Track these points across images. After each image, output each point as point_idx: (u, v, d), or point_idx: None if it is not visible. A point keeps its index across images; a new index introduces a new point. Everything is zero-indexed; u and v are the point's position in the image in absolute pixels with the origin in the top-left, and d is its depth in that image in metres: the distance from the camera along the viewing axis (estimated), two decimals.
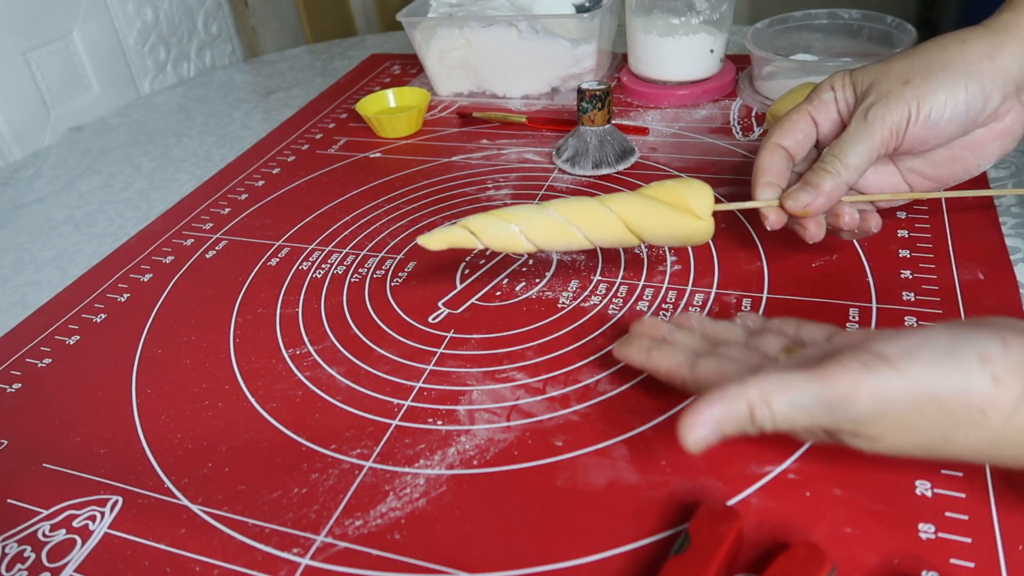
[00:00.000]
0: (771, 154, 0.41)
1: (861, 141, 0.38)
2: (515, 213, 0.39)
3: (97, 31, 0.82)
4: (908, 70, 0.38)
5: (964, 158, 0.40)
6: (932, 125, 0.37)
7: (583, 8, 0.68)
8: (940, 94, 0.37)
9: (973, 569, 0.28)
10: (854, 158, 0.38)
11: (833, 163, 0.38)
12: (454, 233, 0.39)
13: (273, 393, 0.41)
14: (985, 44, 0.37)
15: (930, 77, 0.37)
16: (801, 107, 0.41)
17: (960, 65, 0.37)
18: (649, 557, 0.30)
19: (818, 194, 0.38)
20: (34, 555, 0.34)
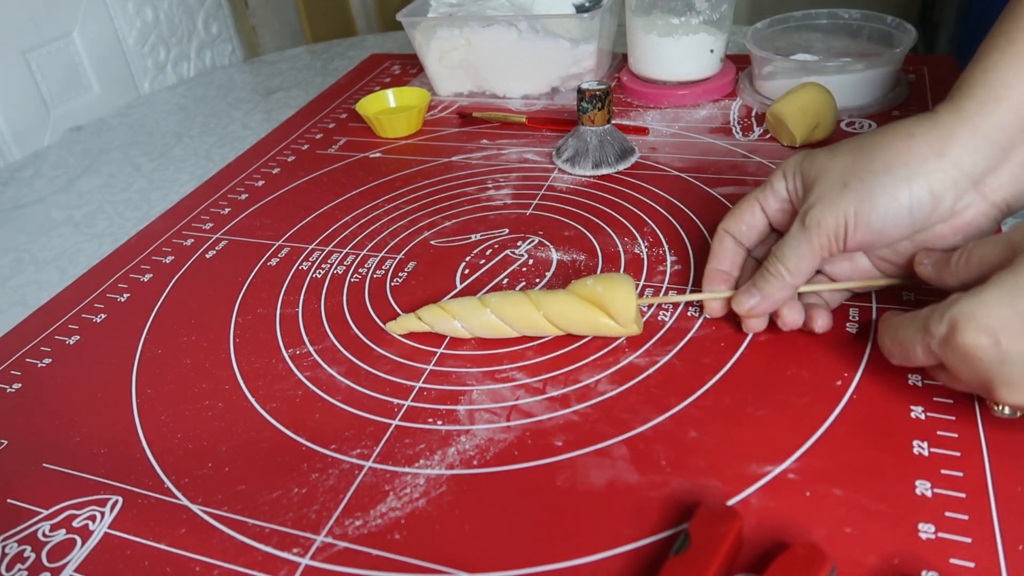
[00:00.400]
0: (720, 240, 0.42)
1: (800, 246, 0.37)
2: (460, 308, 0.42)
3: (97, 31, 0.82)
4: (848, 171, 0.36)
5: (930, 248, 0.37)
6: (875, 231, 0.35)
7: (583, 8, 0.68)
8: (879, 200, 0.35)
9: (973, 569, 0.28)
10: (795, 263, 0.37)
11: (776, 266, 0.38)
12: (411, 321, 0.43)
13: (273, 393, 0.41)
14: (933, 138, 0.34)
15: (869, 181, 0.35)
16: (752, 195, 0.41)
17: (903, 168, 0.34)
18: (649, 557, 0.30)
19: (762, 298, 0.38)
20: (34, 555, 0.34)
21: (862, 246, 0.37)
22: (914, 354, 0.32)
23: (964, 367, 0.30)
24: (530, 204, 0.55)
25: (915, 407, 0.35)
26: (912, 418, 0.35)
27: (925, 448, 0.33)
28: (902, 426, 0.34)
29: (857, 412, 0.35)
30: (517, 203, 0.56)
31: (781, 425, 0.35)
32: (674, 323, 0.42)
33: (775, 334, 0.40)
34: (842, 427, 0.35)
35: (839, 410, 0.35)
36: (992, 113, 0.33)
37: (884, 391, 0.36)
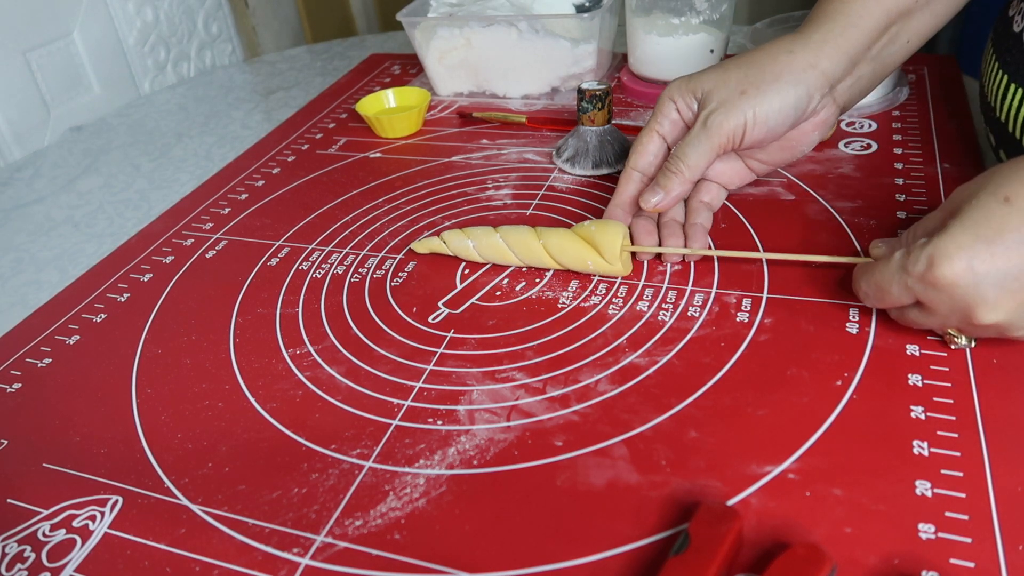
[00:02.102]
0: (627, 177, 0.48)
1: (701, 144, 0.44)
2: (475, 231, 0.48)
3: (97, 31, 0.82)
4: (744, 80, 0.43)
5: (791, 146, 0.46)
6: (768, 129, 0.44)
7: (583, 8, 0.68)
8: (774, 102, 0.43)
9: (973, 569, 0.28)
10: (694, 159, 0.44)
11: (676, 164, 0.44)
12: (432, 241, 0.50)
13: (273, 393, 0.41)
14: (808, 54, 0.43)
15: (765, 88, 0.43)
16: (648, 126, 0.47)
17: (790, 75, 0.43)
18: (649, 557, 0.30)
19: (665, 193, 0.45)
20: (34, 555, 0.34)
21: (754, 143, 0.45)
22: (890, 294, 0.36)
23: (943, 297, 0.34)
24: (530, 204, 0.55)
25: (915, 407, 0.35)
26: (912, 418, 0.35)
27: (925, 448, 0.33)
28: (902, 426, 0.34)
29: (857, 412, 0.35)
30: (517, 203, 0.56)
31: (781, 425, 0.35)
32: (674, 323, 0.42)
33: (775, 334, 0.40)
34: (842, 427, 0.35)
35: (839, 410, 0.35)
36: (849, 36, 0.43)
37: (884, 391, 0.36)
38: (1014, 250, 0.32)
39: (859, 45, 0.44)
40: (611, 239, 0.44)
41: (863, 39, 0.44)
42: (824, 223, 0.48)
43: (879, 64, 0.46)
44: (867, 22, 0.43)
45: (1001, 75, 0.46)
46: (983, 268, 0.32)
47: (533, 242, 0.46)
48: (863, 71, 0.45)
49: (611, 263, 0.44)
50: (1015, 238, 0.32)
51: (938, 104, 0.62)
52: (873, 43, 0.44)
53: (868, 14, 0.43)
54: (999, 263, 0.32)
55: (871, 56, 0.45)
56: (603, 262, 0.44)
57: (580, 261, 0.45)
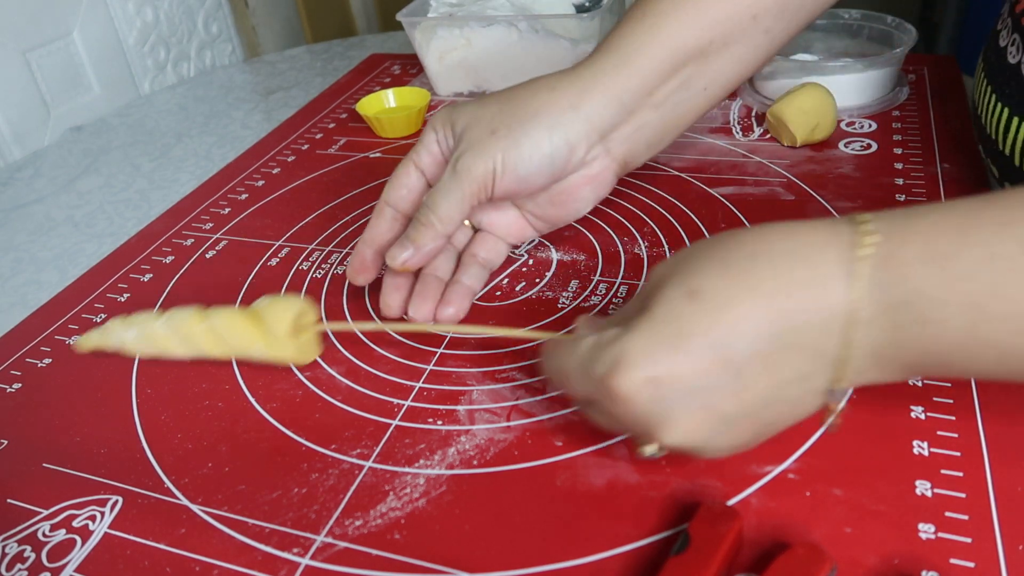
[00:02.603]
0: (379, 213, 0.42)
1: (451, 192, 0.38)
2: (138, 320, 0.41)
3: (97, 31, 0.82)
4: (497, 118, 0.38)
5: (564, 202, 0.40)
6: (520, 178, 0.38)
7: (583, 8, 0.68)
8: (524, 147, 0.37)
9: (973, 569, 0.28)
10: (446, 210, 0.38)
11: (427, 215, 0.38)
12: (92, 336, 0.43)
13: (273, 393, 0.41)
14: (571, 93, 0.38)
15: (516, 129, 0.37)
16: (407, 158, 0.41)
17: (546, 117, 0.37)
18: (649, 557, 0.30)
19: (415, 249, 0.39)
20: (34, 555, 0.34)
21: (508, 193, 0.39)
22: (572, 387, 0.31)
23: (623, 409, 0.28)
24: None
25: (915, 407, 0.35)
26: (912, 418, 0.35)
27: (925, 448, 0.33)
28: (902, 426, 0.34)
29: (857, 412, 0.35)
30: None
31: None
32: None
33: None
34: (842, 427, 0.35)
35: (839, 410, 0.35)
36: (620, 77, 0.37)
37: (884, 391, 0.36)
38: (698, 359, 0.26)
39: (635, 88, 0.38)
40: (278, 319, 0.37)
41: (640, 82, 0.38)
42: None
43: (668, 113, 0.39)
44: (644, 62, 0.37)
45: (1001, 108, 0.42)
46: (667, 381, 0.27)
47: (195, 326, 0.39)
48: (645, 119, 0.39)
49: (279, 350, 0.38)
50: (700, 343, 0.26)
51: (938, 104, 0.62)
52: (655, 87, 0.38)
53: (645, 53, 0.37)
54: (685, 376, 0.26)
55: (654, 103, 0.38)
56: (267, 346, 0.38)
57: (247, 346, 0.39)
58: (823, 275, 0.25)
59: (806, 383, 0.26)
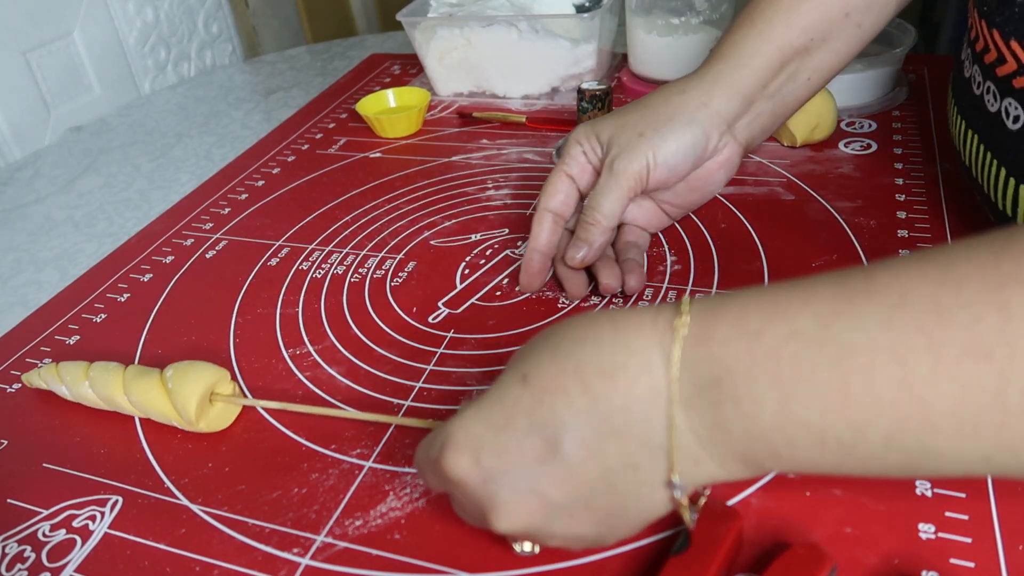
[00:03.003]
0: (539, 221, 0.46)
1: (612, 191, 0.43)
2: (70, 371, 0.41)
3: (97, 31, 0.82)
4: (641, 123, 0.43)
5: (699, 187, 0.46)
6: (670, 168, 0.43)
7: (583, 8, 0.68)
8: (671, 142, 0.43)
9: (973, 569, 0.28)
10: (608, 206, 0.43)
11: (592, 215, 0.44)
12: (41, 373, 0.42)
13: (273, 393, 0.41)
14: (700, 93, 0.43)
15: (660, 129, 0.43)
16: (557, 169, 0.46)
17: (683, 115, 0.43)
18: (649, 557, 0.30)
19: (588, 247, 0.44)
20: (34, 555, 0.34)
21: (659, 184, 0.44)
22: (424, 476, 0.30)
23: (458, 494, 0.28)
24: (530, 204, 0.55)
25: None
26: None
27: None
28: None
29: None
30: (517, 203, 0.56)
31: None
32: None
33: None
34: None
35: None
36: (740, 75, 0.43)
37: None
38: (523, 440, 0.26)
39: (752, 84, 0.43)
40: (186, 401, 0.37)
41: (756, 78, 0.43)
42: (824, 223, 0.48)
43: (779, 102, 0.45)
44: (758, 61, 0.43)
45: (998, 168, 0.41)
46: (492, 462, 0.26)
47: (118, 396, 0.39)
48: (761, 108, 0.44)
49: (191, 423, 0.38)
50: (524, 425, 0.26)
51: (938, 104, 0.62)
52: (768, 81, 0.44)
53: (759, 53, 0.43)
54: (510, 457, 0.26)
55: (768, 94, 0.44)
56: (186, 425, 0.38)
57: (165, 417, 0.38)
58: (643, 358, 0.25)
59: (637, 473, 0.26)
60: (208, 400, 0.38)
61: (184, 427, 0.38)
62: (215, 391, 0.38)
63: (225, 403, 0.39)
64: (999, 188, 0.40)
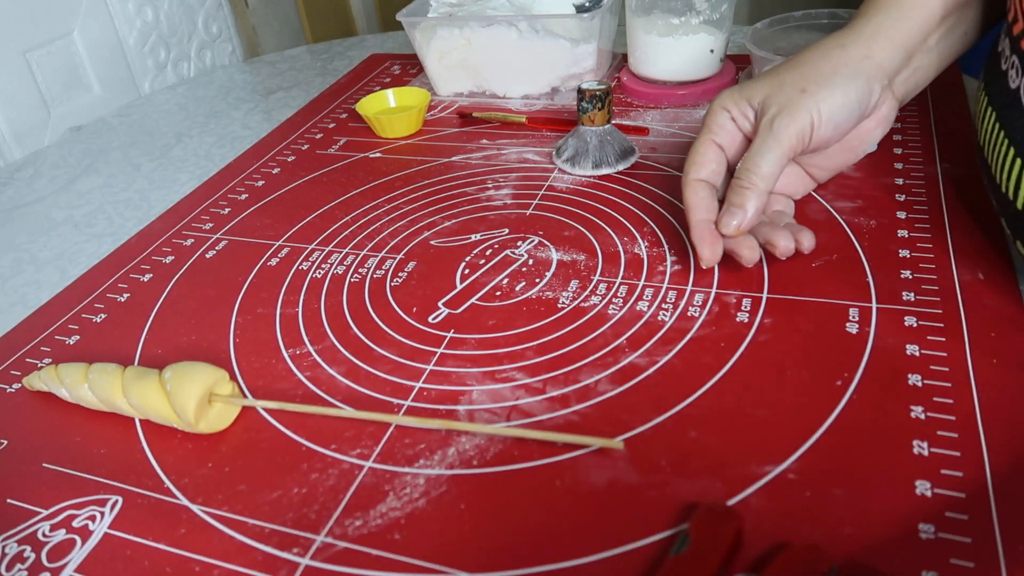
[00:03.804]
0: (694, 191, 0.43)
1: (771, 151, 0.41)
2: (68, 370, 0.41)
3: (97, 31, 0.82)
4: (801, 79, 0.41)
5: (853, 147, 0.44)
6: (836, 125, 0.41)
7: (583, 8, 0.68)
8: (837, 97, 0.41)
9: (973, 569, 0.28)
10: (767, 167, 0.41)
11: (749, 177, 0.41)
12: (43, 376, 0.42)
13: (273, 393, 0.41)
14: (861, 46, 0.42)
15: (825, 83, 0.41)
16: (703, 137, 0.44)
17: (846, 68, 0.41)
18: (649, 557, 0.30)
19: (744, 212, 0.41)
20: (34, 555, 0.34)
21: (821, 143, 0.42)
22: None
23: None
24: (530, 204, 0.55)
25: (915, 407, 0.35)
26: (912, 418, 0.35)
27: (925, 448, 0.33)
28: (902, 426, 0.34)
29: (857, 412, 0.35)
30: (517, 203, 0.56)
31: (781, 425, 0.35)
32: (674, 323, 0.42)
33: (775, 334, 0.40)
34: (842, 427, 0.35)
35: (839, 410, 0.35)
36: (903, 27, 0.42)
37: (884, 391, 0.36)
38: None
39: (914, 36, 0.42)
40: (185, 403, 0.37)
41: (917, 30, 0.42)
42: (824, 223, 0.48)
43: (937, 56, 0.44)
44: (921, 13, 0.42)
45: (1007, 147, 0.40)
46: None
47: (118, 399, 0.39)
48: (920, 63, 0.43)
49: (190, 425, 0.38)
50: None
51: (938, 104, 0.62)
52: (929, 34, 0.43)
53: (922, 5, 0.42)
54: None
55: (928, 47, 0.43)
56: (185, 427, 0.38)
57: (167, 420, 0.39)
58: None
59: None
60: (207, 401, 0.38)
61: (184, 428, 0.38)
62: (214, 392, 0.38)
63: (224, 404, 0.39)
64: (1005, 169, 0.40)
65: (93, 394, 0.40)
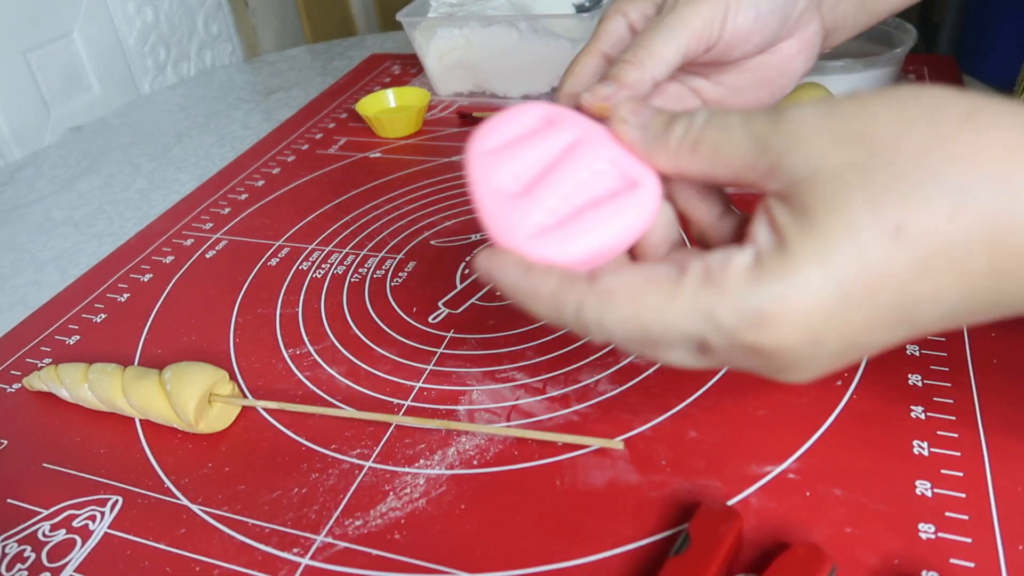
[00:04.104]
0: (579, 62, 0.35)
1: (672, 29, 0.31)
2: (71, 373, 0.41)
3: (97, 31, 0.82)
4: None
5: (771, 79, 0.35)
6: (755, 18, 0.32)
7: (583, 8, 0.68)
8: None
9: (973, 569, 0.28)
10: (661, 48, 0.31)
11: (636, 51, 0.31)
12: (36, 380, 0.42)
13: (273, 393, 0.41)
14: None
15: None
16: (588, 46, 0.35)
17: None
18: (649, 557, 0.30)
19: (619, 87, 0.31)
20: (34, 555, 0.34)
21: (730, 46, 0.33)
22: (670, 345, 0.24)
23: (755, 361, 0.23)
24: None
25: (915, 407, 0.35)
26: (912, 418, 0.35)
27: (925, 448, 0.33)
28: (902, 426, 0.34)
29: (857, 412, 0.35)
30: None
31: (781, 425, 0.35)
32: None
33: None
34: (842, 427, 0.35)
35: (839, 410, 0.35)
36: None
37: (884, 391, 0.36)
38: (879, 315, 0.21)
39: None
40: (185, 403, 0.37)
41: None
42: None
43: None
44: None
45: None
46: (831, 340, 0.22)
47: (118, 399, 0.39)
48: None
49: (190, 425, 0.37)
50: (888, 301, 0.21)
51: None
52: None
53: None
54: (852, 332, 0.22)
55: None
56: (182, 422, 0.38)
57: (165, 419, 0.39)
58: None
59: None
60: (207, 401, 0.38)
61: (184, 428, 0.38)
62: (214, 392, 0.38)
63: (224, 404, 0.39)
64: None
65: (93, 394, 0.40)
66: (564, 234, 0.26)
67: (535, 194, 0.28)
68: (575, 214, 0.26)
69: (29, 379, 0.43)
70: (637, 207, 0.26)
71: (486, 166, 0.31)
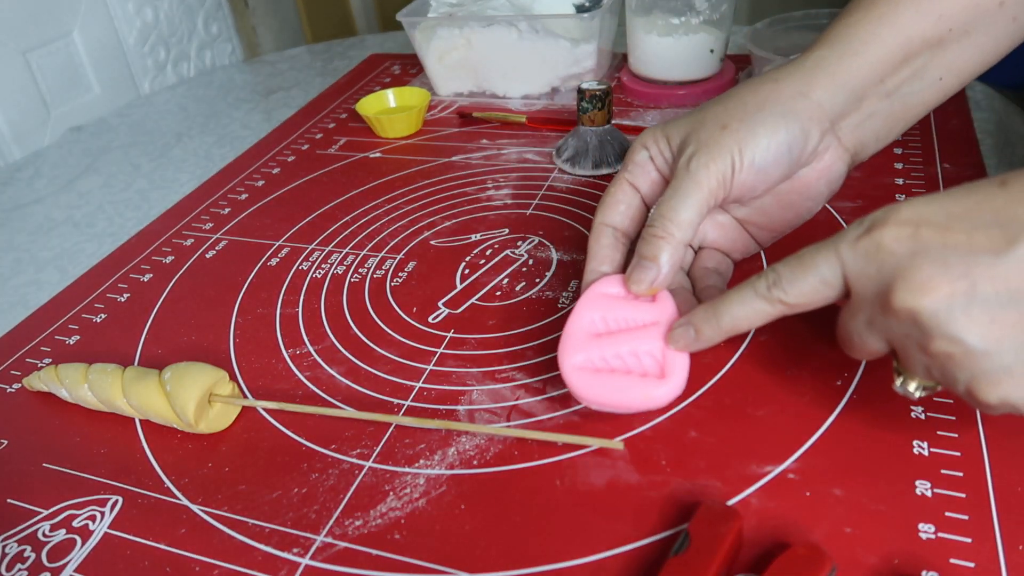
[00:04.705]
0: (596, 236, 0.38)
1: (689, 195, 0.35)
2: (71, 374, 0.41)
3: (97, 31, 0.82)
4: (724, 115, 0.36)
5: (794, 203, 0.38)
6: (759, 169, 0.35)
7: (583, 8, 0.68)
8: (761, 136, 0.35)
9: (973, 569, 0.28)
10: (684, 214, 0.34)
11: (662, 225, 0.35)
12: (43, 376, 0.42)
13: (273, 393, 0.41)
14: (796, 82, 0.36)
15: (747, 120, 0.35)
16: (618, 176, 0.39)
17: (776, 105, 0.35)
18: (649, 557, 0.30)
19: (658, 266, 0.35)
20: (34, 555, 0.34)
21: (745, 190, 0.36)
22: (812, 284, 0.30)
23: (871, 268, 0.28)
24: (530, 204, 0.55)
25: (915, 407, 0.35)
26: (912, 418, 0.35)
27: (925, 448, 0.33)
28: (902, 426, 0.34)
29: (857, 412, 0.35)
30: (517, 203, 0.56)
31: (781, 425, 0.35)
32: None
33: (775, 334, 0.40)
34: (842, 427, 0.35)
35: (839, 410, 0.35)
36: (848, 65, 0.36)
37: (884, 391, 0.36)
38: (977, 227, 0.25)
39: (863, 76, 0.36)
40: (185, 404, 0.37)
41: (869, 69, 0.36)
42: (824, 223, 0.48)
43: (899, 103, 0.37)
44: (874, 50, 0.35)
45: None
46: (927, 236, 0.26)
47: (117, 399, 0.39)
48: (875, 108, 0.37)
49: (190, 426, 0.38)
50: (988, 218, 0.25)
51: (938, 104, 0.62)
52: (886, 76, 0.36)
53: (876, 39, 0.35)
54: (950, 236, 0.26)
55: (885, 91, 0.36)
56: (182, 423, 0.38)
57: (165, 419, 0.39)
58: None
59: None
60: (207, 401, 0.38)
61: (184, 428, 0.38)
62: (214, 392, 0.38)
63: (224, 404, 0.39)
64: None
65: (93, 394, 0.40)
66: (595, 380, 0.34)
67: (600, 342, 0.35)
68: (611, 372, 0.34)
69: (29, 379, 0.43)
70: (652, 394, 0.33)
71: (592, 302, 0.37)
